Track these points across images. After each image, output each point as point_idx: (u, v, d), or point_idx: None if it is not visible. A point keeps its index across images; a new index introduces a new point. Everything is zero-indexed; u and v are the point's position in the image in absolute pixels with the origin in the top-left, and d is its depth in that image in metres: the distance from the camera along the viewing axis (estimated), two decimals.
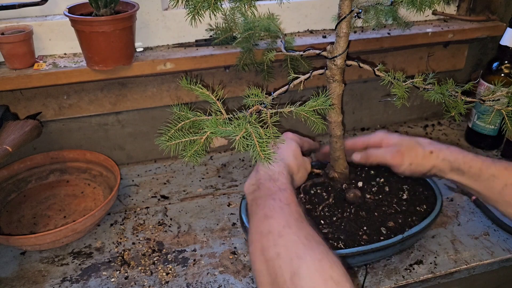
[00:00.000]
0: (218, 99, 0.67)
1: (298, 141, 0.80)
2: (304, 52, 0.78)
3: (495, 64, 1.01)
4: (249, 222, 0.64)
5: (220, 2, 0.60)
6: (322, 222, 0.78)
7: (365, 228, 0.76)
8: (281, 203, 0.62)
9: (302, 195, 0.83)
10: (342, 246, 0.73)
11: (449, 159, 0.76)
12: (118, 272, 0.77)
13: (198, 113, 0.66)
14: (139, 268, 0.78)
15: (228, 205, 0.93)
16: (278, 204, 0.62)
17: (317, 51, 0.75)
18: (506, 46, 0.98)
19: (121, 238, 0.84)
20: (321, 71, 0.76)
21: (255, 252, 0.57)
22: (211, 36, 0.97)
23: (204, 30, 0.96)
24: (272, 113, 0.66)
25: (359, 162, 0.82)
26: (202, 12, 0.60)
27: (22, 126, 0.88)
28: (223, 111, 0.66)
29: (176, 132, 0.64)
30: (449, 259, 0.78)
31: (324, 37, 1.02)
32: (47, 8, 0.93)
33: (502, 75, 0.99)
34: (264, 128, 0.61)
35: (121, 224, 0.88)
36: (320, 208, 0.80)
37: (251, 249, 0.59)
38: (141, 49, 0.96)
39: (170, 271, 0.77)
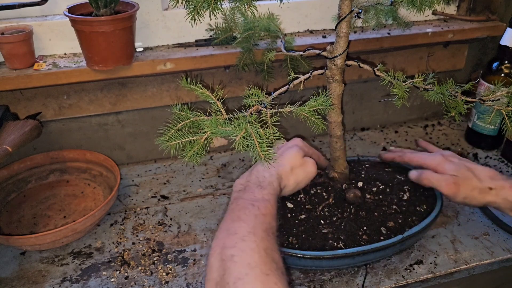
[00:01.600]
0: (218, 99, 0.67)
1: (305, 149, 0.80)
2: (304, 52, 0.78)
3: (495, 64, 1.01)
4: (224, 218, 0.65)
5: (220, 2, 0.61)
6: (322, 222, 0.78)
7: (365, 228, 0.76)
8: (258, 211, 0.64)
9: (302, 195, 0.83)
10: (342, 246, 0.73)
11: (511, 199, 0.73)
12: (118, 272, 0.77)
13: (198, 113, 0.66)
14: (139, 268, 0.78)
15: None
16: (255, 211, 0.64)
17: (317, 51, 0.75)
18: (506, 46, 0.98)
19: (121, 238, 0.84)
20: (321, 71, 0.76)
21: (215, 247, 0.59)
22: (211, 36, 0.97)
23: (204, 30, 0.96)
24: (272, 113, 0.66)
25: (414, 181, 0.82)
26: (202, 12, 0.60)
27: (22, 126, 0.88)
28: (223, 111, 0.66)
29: (176, 132, 0.64)
30: (449, 259, 0.78)
31: (324, 37, 1.02)
32: (47, 8, 0.93)
33: (502, 75, 0.99)
34: (264, 128, 0.61)
35: (121, 224, 0.88)
36: (320, 208, 0.80)
37: (213, 243, 0.60)
38: (141, 49, 0.96)
39: (170, 271, 0.77)
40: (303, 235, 0.76)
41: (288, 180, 0.75)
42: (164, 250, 0.81)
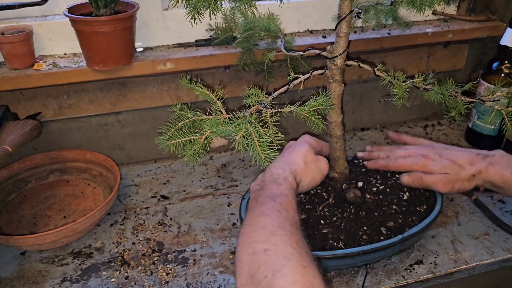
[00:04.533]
0: (218, 99, 0.67)
1: (314, 145, 0.81)
2: (304, 52, 0.78)
3: (495, 64, 1.01)
4: (246, 216, 0.65)
5: (220, 2, 0.61)
6: (322, 222, 0.78)
7: (365, 228, 0.76)
8: (280, 206, 0.63)
9: (302, 195, 0.83)
10: (342, 246, 0.73)
11: (490, 180, 0.78)
12: (118, 272, 0.77)
13: (198, 112, 0.67)
14: (139, 268, 0.78)
15: (228, 205, 0.93)
16: (277, 206, 0.63)
17: (317, 51, 0.75)
18: (506, 46, 0.98)
19: (121, 238, 0.84)
20: (321, 71, 0.76)
21: (243, 242, 0.58)
22: (211, 36, 0.97)
23: (204, 30, 0.96)
24: (272, 113, 0.66)
25: (407, 185, 0.84)
26: (202, 12, 0.61)
27: (22, 126, 0.88)
28: (223, 111, 0.66)
29: (176, 131, 0.64)
30: (449, 259, 0.78)
31: (324, 37, 1.02)
32: (47, 8, 0.93)
33: (502, 75, 0.99)
34: (264, 128, 0.61)
35: (121, 224, 0.88)
36: (320, 208, 0.80)
37: (240, 239, 0.60)
38: (141, 49, 0.96)
39: (170, 271, 0.77)
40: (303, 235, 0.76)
41: (303, 175, 0.75)
42: (164, 250, 0.81)
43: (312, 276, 0.52)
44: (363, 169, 0.88)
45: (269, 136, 0.60)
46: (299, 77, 0.74)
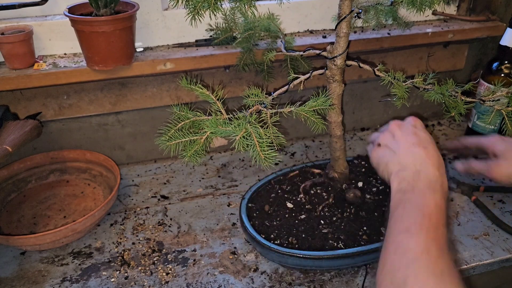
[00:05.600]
0: (218, 99, 0.67)
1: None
2: (304, 52, 0.78)
3: (495, 64, 1.01)
4: (390, 221, 0.59)
5: (220, 2, 0.61)
6: (322, 222, 0.78)
7: (365, 228, 0.76)
8: (429, 223, 0.56)
9: (302, 195, 0.83)
10: (342, 246, 0.73)
11: None
12: (118, 272, 0.77)
13: (198, 113, 0.66)
14: (139, 268, 0.78)
15: (228, 205, 0.93)
16: (426, 223, 0.56)
17: (317, 51, 0.75)
18: (506, 46, 0.98)
19: (121, 238, 0.84)
20: (321, 71, 0.76)
21: (383, 261, 0.55)
22: (211, 36, 0.97)
23: (204, 30, 0.96)
24: (272, 113, 0.66)
25: (461, 172, 0.82)
26: (202, 12, 0.60)
27: (22, 126, 0.88)
28: (223, 111, 0.66)
29: (176, 132, 0.64)
30: None
31: (324, 37, 1.02)
32: (47, 8, 0.93)
33: (502, 75, 0.99)
34: (264, 128, 0.61)
35: (121, 224, 0.88)
36: (320, 208, 0.80)
37: (381, 260, 0.56)
38: (141, 49, 0.96)
39: (170, 271, 0.77)
40: (303, 235, 0.76)
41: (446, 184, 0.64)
42: (164, 250, 0.81)
43: None
44: (363, 169, 0.89)
45: (269, 136, 0.60)
46: (299, 77, 0.74)
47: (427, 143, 0.66)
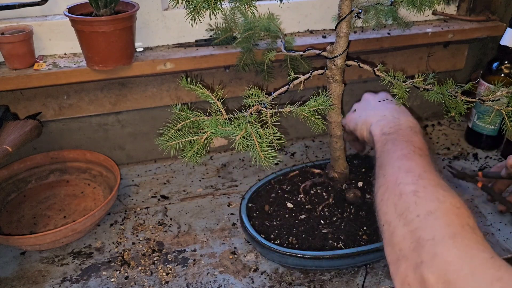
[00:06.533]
0: (218, 99, 0.67)
1: None
2: (304, 52, 0.78)
3: (495, 64, 1.01)
4: (381, 158, 0.62)
5: (220, 2, 0.61)
6: (322, 222, 0.78)
7: (365, 228, 0.76)
8: (421, 151, 0.61)
9: (302, 195, 0.83)
10: (342, 246, 0.73)
11: None
12: (118, 272, 0.77)
13: (198, 113, 0.66)
14: (139, 268, 0.78)
15: (228, 205, 0.93)
16: (418, 151, 0.60)
17: (317, 51, 0.75)
18: (506, 46, 0.98)
19: (121, 238, 0.84)
20: (321, 71, 0.76)
21: (386, 183, 0.57)
22: (211, 36, 0.97)
23: (204, 30, 0.96)
24: (272, 113, 0.66)
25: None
26: (202, 12, 0.60)
27: (22, 126, 0.88)
28: (223, 111, 0.66)
29: (176, 132, 0.64)
30: None
31: (324, 37, 1.02)
32: (47, 8, 0.93)
33: (502, 75, 0.99)
34: (264, 128, 0.61)
35: (121, 224, 0.88)
36: (320, 208, 0.80)
37: (381, 179, 0.58)
38: (141, 49, 0.96)
39: (170, 271, 0.77)
40: (303, 235, 0.76)
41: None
42: (164, 250, 0.81)
43: (467, 216, 0.50)
44: (363, 169, 0.89)
45: (269, 136, 0.60)
46: (299, 77, 0.74)
47: (392, 105, 0.75)
